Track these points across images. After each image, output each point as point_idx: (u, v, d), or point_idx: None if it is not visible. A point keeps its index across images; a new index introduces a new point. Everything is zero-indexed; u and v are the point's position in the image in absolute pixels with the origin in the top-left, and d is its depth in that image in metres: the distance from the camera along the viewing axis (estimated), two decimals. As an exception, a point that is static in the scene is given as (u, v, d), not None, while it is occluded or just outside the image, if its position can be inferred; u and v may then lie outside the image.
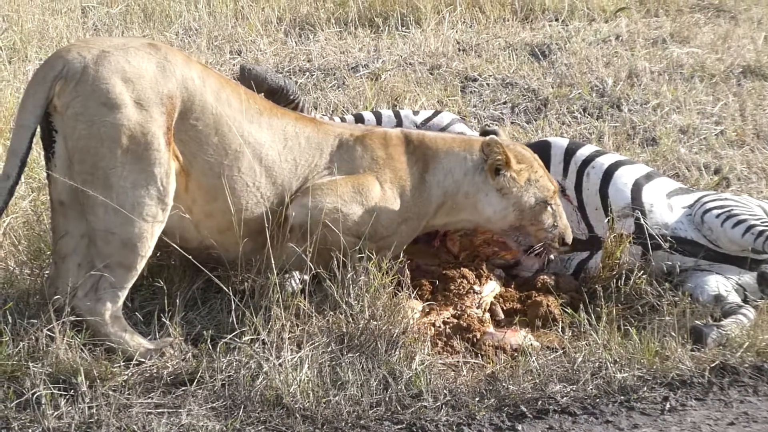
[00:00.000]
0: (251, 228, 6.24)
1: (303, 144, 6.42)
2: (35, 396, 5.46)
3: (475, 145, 6.82)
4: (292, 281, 6.38)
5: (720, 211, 6.76)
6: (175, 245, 6.06)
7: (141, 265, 5.91)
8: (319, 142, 6.50)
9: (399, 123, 7.65)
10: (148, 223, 5.82)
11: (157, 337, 6.04)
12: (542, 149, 7.29)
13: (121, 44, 5.92)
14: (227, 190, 6.09)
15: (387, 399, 5.68)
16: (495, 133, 7.30)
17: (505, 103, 9.71)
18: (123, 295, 5.92)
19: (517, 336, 6.29)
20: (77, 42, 6.14)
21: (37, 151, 6.61)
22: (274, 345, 5.86)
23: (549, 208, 6.81)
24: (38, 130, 5.79)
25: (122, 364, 5.77)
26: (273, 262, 6.10)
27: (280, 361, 5.75)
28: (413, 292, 6.42)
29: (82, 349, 5.73)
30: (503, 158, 6.70)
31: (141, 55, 5.86)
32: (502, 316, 6.62)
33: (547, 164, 7.18)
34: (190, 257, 6.08)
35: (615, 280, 6.65)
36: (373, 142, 6.64)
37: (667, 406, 5.80)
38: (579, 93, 9.74)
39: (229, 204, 6.09)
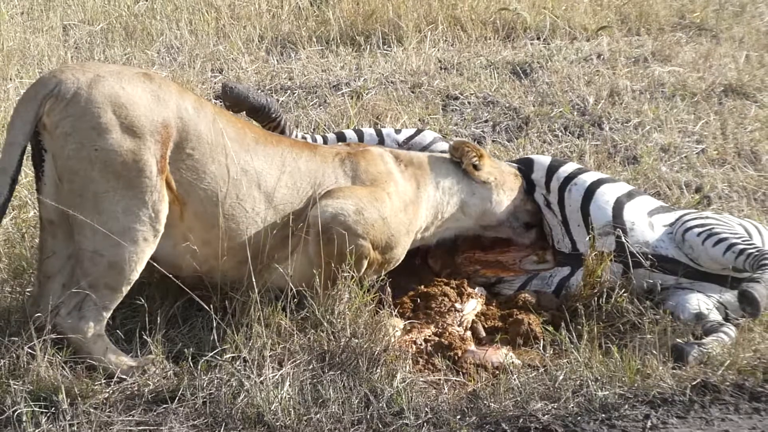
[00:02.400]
0: (251, 252, 6.21)
1: (302, 168, 6.43)
2: (16, 414, 5.45)
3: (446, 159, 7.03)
4: None
5: (701, 229, 6.77)
6: (167, 272, 6.05)
7: (127, 287, 5.90)
8: (320, 164, 6.52)
9: (381, 141, 7.64)
10: (139, 247, 5.81)
11: (139, 354, 6.03)
12: (525, 166, 7.33)
13: (117, 71, 5.92)
14: (226, 217, 6.09)
15: (368, 417, 5.68)
16: None
17: (486, 121, 9.71)
18: (107, 315, 5.92)
19: (499, 354, 6.30)
20: (73, 64, 6.16)
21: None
22: (256, 363, 5.85)
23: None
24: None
25: (103, 381, 5.76)
26: (254, 280, 6.11)
27: (262, 378, 5.75)
28: (394, 310, 6.43)
29: (63, 367, 5.72)
30: (475, 152, 6.84)
31: (135, 83, 5.84)
32: (484, 334, 6.62)
33: (530, 181, 7.23)
34: (171, 276, 6.07)
35: (596, 298, 6.64)
36: (372, 157, 6.72)
37: (649, 424, 5.79)
38: (560, 111, 9.75)
39: (228, 231, 6.10)
